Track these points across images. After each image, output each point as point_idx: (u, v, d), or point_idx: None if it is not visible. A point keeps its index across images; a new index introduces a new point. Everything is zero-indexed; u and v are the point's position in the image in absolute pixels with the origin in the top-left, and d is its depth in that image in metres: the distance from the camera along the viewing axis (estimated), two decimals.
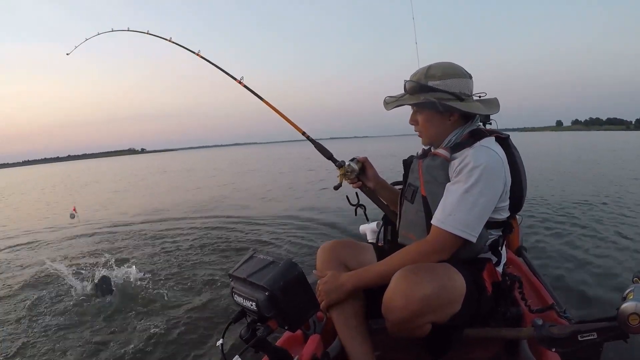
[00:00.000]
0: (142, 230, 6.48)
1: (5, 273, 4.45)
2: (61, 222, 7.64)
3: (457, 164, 1.26)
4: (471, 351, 1.47)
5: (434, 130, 1.36)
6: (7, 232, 7.29)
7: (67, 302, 3.34)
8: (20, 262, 4.91)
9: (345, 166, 1.68)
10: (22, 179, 32.84)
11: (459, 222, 1.20)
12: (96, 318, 3.01)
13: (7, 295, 3.66)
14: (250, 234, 5.47)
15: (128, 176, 23.10)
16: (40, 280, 3.97)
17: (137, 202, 10.61)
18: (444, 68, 1.31)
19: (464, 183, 1.21)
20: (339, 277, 1.35)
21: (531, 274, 1.90)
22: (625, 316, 0.97)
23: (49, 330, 2.84)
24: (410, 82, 1.33)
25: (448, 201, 1.23)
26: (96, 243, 5.70)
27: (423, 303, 1.14)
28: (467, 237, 1.21)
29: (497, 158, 1.25)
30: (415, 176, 1.41)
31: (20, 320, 3.04)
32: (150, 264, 4.38)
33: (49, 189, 18.67)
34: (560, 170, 10.94)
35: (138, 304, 3.22)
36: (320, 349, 1.36)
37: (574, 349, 1.09)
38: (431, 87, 1.29)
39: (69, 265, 4.28)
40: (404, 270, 1.19)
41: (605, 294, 2.68)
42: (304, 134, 1.98)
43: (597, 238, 4.02)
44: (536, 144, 29.37)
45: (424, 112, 1.35)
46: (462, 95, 1.29)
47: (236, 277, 1.11)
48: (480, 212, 1.21)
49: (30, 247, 5.86)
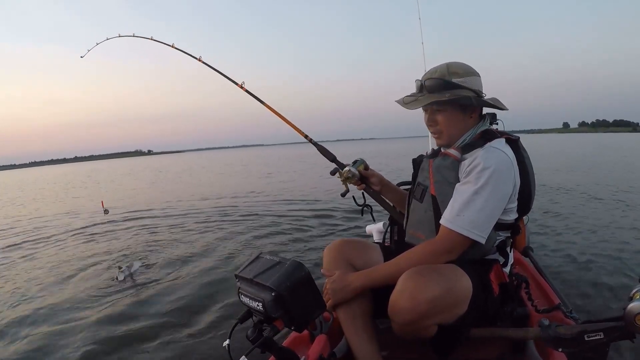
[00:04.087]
0: (153, 226, 6.58)
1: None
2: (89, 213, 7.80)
3: (467, 165, 1.25)
4: (478, 351, 1.47)
5: (455, 130, 1.33)
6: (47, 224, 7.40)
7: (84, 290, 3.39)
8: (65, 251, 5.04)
9: (344, 171, 1.65)
10: (35, 179, 33.20)
11: (467, 222, 1.19)
12: (100, 320, 3.04)
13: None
14: (255, 233, 5.50)
15: (149, 175, 23.28)
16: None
17: (153, 198, 10.71)
18: (463, 66, 1.31)
19: (473, 184, 1.21)
20: (346, 276, 1.35)
21: (538, 274, 1.90)
22: (631, 316, 0.97)
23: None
24: (432, 80, 1.30)
25: (457, 202, 1.23)
26: (108, 241, 5.82)
27: (430, 305, 1.13)
28: (476, 238, 1.20)
29: (507, 160, 1.24)
30: (425, 175, 1.40)
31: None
32: (157, 262, 4.41)
33: (76, 185, 18.97)
34: (566, 170, 10.88)
35: (142, 304, 3.24)
36: (327, 349, 1.36)
37: (580, 349, 1.09)
38: (456, 84, 1.27)
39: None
40: (410, 271, 1.18)
41: (612, 294, 2.66)
42: (306, 137, 1.98)
43: (603, 238, 4.00)
44: (542, 145, 29.17)
45: (447, 111, 1.32)
46: (480, 94, 1.31)
47: (243, 278, 1.12)
48: (489, 214, 1.21)
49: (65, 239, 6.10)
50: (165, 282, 3.75)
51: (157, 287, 3.62)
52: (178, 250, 4.96)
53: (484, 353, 1.47)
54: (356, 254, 1.46)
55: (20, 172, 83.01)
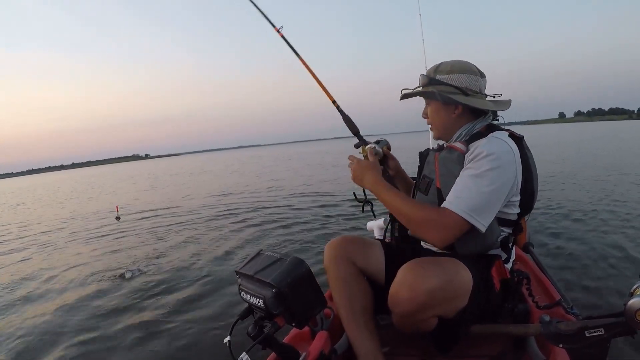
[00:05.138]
0: (157, 225, 6.60)
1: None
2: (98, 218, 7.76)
3: (470, 154, 1.28)
4: (479, 347, 1.47)
5: (440, 122, 1.42)
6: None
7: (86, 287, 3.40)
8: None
9: (368, 147, 1.59)
10: (36, 185, 33.26)
11: (465, 205, 1.18)
12: (102, 316, 3.05)
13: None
14: (256, 229, 5.51)
15: (153, 177, 23.21)
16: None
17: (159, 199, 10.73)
18: (454, 64, 1.36)
19: (474, 170, 1.22)
20: (370, 171, 1.42)
21: (538, 270, 1.89)
22: (632, 312, 0.97)
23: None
24: (422, 77, 1.41)
25: (457, 186, 1.24)
26: (116, 241, 5.84)
27: (429, 296, 1.14)
28: (474, 222, 1.18)
29: (509, 149, 1.25)
30: (431, 168, 1.41)
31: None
32: (159, 260, 4.43)
33: (84, 191, 18.98)
34: (565, 163, 10.84)
35: (144, 301, 3.26)
36: (328, 345, 1.37)
37: (581, 345, 1.09)
38: (438, 81, 1.36)
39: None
40: (410, 262, 1.20)
41: (613, 290, 2.66)
42: (334, 102, 1.88)
43: (604, 233, 3.99)
44: (539, 137, 29.02)
45: (431, 104, 1.42)
46: (467, 91, 1.32)
47: (243, 274, 1.12)
48: (488, 199, 1.20)
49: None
50: (166, 280, 3.76)
51: (157, 285, 3.63)
52: (179, 249, 4.98)
53: (485, 350, 1.47)
54: (357, 251, 1.47)
55: (20, 180, 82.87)
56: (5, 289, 4.05)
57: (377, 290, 1.44)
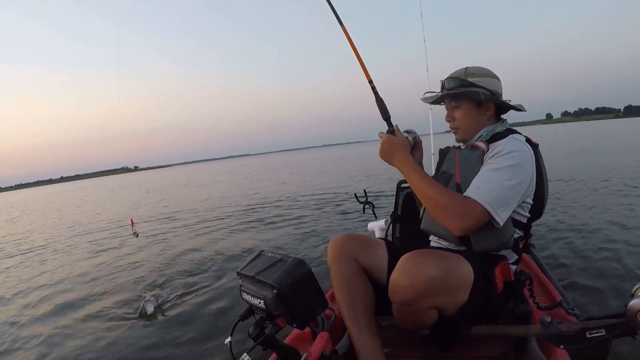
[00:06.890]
0: (157, 230, 6.58)
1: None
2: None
3: (490, 152, 1.32)
4: (479, 348, 1.47)
5: (471, 125, 1.44)
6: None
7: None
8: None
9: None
10: (26, 199, 33.10)
11: (486, 194, 1.22)
12: (102, 316, 3.05)
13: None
14: (258, 231, 5.51)
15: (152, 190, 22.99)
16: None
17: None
18: (481, 68, 1.43)
19: (495, 164, 1.27)
20: (400, 148, 1.39)
21: (539, 271, 1.89)
22: (633, 313, 0.97)
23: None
24: (451, 79, 1.43)
25: (478, 179, 1.28)
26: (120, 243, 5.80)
27: (428, 284, 1.15)
28: (492, 213, 1.21)
29: (528, 151, 1.32)
30: (451, 164, 1.45)
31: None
32: (160, 263, 4.44)
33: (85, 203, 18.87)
34: (565, 163, 10.78)
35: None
36: (329, 346, 1.37)
37: (582, 346, 1.09)
38: (472, 83, 1.40)
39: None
40: (412, 252, 1.21)
41: (613, 291, 2.66)
42: (370, 82, 1.63)
43: (605, 234, 3.98)
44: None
45: (463, 107, 1.43)
46: (496, 94, 1.40)
47: (244, 275, 1.12)
48: (507, 193, 1.24)
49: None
50: (166, 279, 3.76)
51: (158, 284, 3.63)
52: (177, 249, 4.98)
53: (486, 350, 1.47)
54: (360, 249, 1.47)
55: (10, 194, 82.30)
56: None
57: (378, 291, 1.44)
